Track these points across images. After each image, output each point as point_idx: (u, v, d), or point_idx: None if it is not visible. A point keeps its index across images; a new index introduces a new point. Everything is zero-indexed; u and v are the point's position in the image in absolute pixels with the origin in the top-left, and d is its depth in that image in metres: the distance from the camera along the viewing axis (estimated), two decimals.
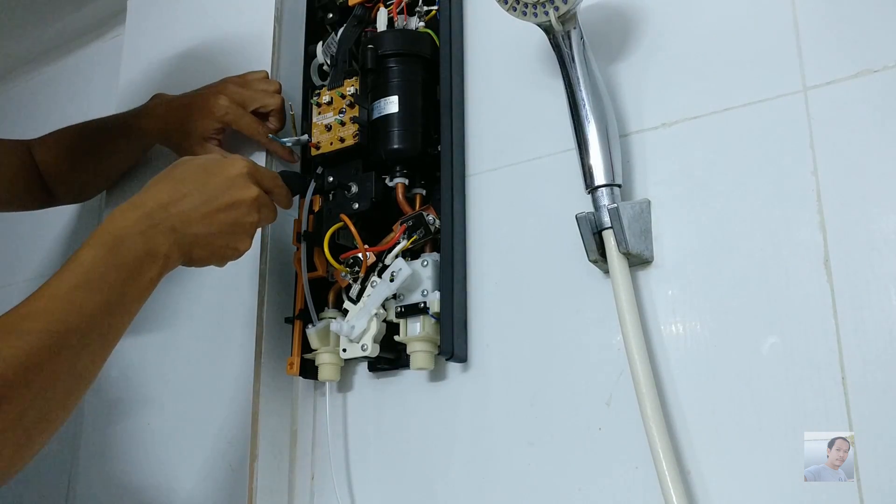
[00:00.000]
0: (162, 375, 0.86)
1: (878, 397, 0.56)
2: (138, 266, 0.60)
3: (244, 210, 0.66)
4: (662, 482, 0.58)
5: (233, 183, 0.66)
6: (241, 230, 0.67)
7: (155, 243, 0.61)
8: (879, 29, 0.61)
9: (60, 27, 1.27)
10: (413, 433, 0.76)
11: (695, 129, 0.68)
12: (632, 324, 0.63)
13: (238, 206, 0.66)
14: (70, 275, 0.57)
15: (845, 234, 0.59)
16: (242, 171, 0.67)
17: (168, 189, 0.64)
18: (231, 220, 0.66)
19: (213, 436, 0.80)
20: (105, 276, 0.58)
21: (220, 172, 0.67)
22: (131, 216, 0.61)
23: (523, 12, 0.67)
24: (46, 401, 0.53)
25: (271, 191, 0.71)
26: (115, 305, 0.58)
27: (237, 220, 0.66)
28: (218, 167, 0.67)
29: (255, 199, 0.67)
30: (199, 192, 0.65)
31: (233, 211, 0.66)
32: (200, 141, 0.84)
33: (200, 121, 0.84)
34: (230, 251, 0.67)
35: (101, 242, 0.59)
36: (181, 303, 0.87)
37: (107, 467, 0.86)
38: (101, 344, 0.58)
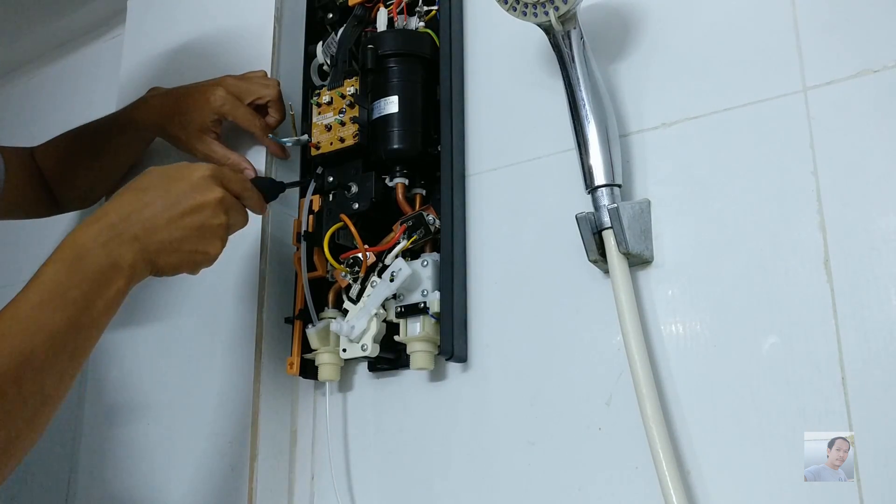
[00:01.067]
0: (162, 376, 0.86)
1: (878, 397, 0.56)
2: (102, 279, 0.58)
3: (209, 212, 0.65)
4: (662, 482, 0.58)
5: (196, 186, 0.65)
6: (209, 233, 0.65)
7: (118, 254, 0.59)
8: (879, 29, 0.61)
9: (60, 27, 1.27)
10: (413, 433, 0.76)
11: (695, 129, 0.68)
12: (632, 324, 0.63)
13: (203, 208, 0.64)
14: (32, 293, 0.56)
15: (845, 234, 0.59)
16: (206, 174, 0.66)
17: (130, 199, 0.63)
18: (197, 224, 0.64)
19: (213, 436, 0.80)
20: (68, 293, 0.56)
21: (183, 177, 0.65)
22: (92, 229, 0.60)
23: (523, 12, 0.67)
24: (15, 424, 0.52)
25: (240, 195, 0.69)
26: (81, 322, 0.56)
27: (203, 222, 0.64)
28: (180, 172, 0.66)
29: (219, 200, 0.65)
30: (161, 199, 0.63)
31: (198, 214, 0.64)
32: (198, 133, 0.84)
33: (197, 112, 0.84)
34: (200, 256, 0.65)
35: (62, 258, 0.58)
36: (181, 303, 0.87)
37: (106, 467, 0.86)
38: (68, 362, 0.56)
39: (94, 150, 0.93)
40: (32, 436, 0.55)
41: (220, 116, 0.84)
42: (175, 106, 0.85)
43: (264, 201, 0.73)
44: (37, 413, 0.54)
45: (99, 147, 0.92)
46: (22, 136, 0.99)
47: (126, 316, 0.89)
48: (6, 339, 0.53)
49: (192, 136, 0.84)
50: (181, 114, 0.84)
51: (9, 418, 0.52)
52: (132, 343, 0.89)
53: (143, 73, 1.00)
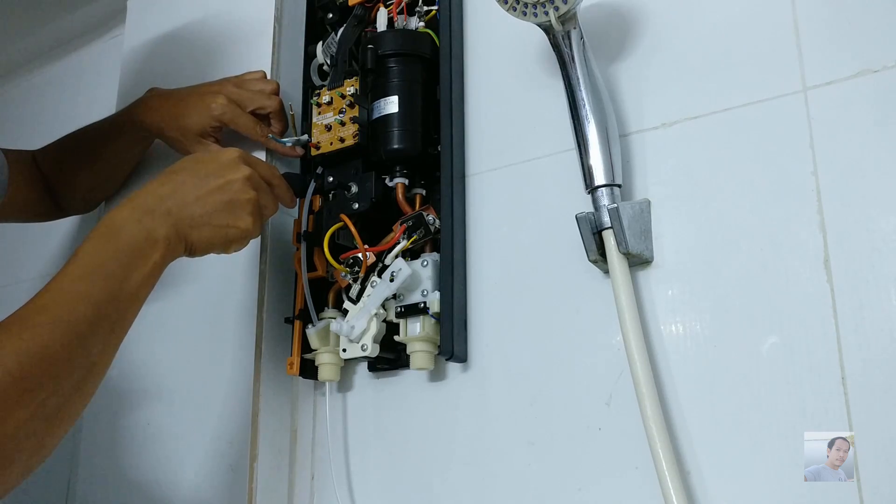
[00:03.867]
0: (162, 375, 0.86)
1: (878, 397, 0.56)
2: (139, 252, 0.61)
3: (238, 187, 0.68)
4: (662, 482, 0.58)
5: (225, 165, 0.68)
6: (238, 207, 0.68)
7: (152, 228, 0.62)
8: (879, 29, 0.61)
9: (60, 27, 1.27)
10: (413, 433, 0.76)
11: (695, 129, 0.68)
12: (632, 324, 0.63)
13: (231, 184, 0.67)
14: (73, 268, 0.59)
15: (845, 234, 0.59)
16: (234, 155, 0.69)
17: (162, 180, 0.66)
18: (226, 199, 0.67)
19: (213, 436, 0.80)
20: (106, 265, 0.59)
21: (213, 159, 0.69)
22: (127, 208, 0.63)
23: (523, 12, 0.67)
24: (64, 390, 0.55)
25: (269, 180, 0.72)
26: (121, 293, 0.59)
27: (233, 197, 0.67)
28: (210, 155, 0.70)
29: (247, 177, 0.69)
30: (192, 178, 0.67)
31: (227, 189, 0.67)
32: (196, 138, 0.84)
33: (197, 117, 0.84)
34: (232, 231, 0.68)
35: (99, 235, 0.61)
36: (181, 303, 0.87)
37: (106, 467, 0.86)
38: (111, 331, 0.59)
39: (93, 153, 0.92)
40: (81, 402, 0.58)
41: (221, 124, 0.84)
42: (174, 109, 0.85)
43: (293, 194, 0.76)
44: (84, 380, 0.57)
45: (98, 149, 0.92)
46: (22, 136, 1.00)
47: None
48: (51, 310, 0.56)
49: (190, 140, 0.84)
50: (180, 116, 0.85)
51: (59, 384, 0.55)
52: (132, 342, 0.88)
53: (143, 73, 1.01)
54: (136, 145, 0.93)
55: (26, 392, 0.52)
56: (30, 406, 0.53)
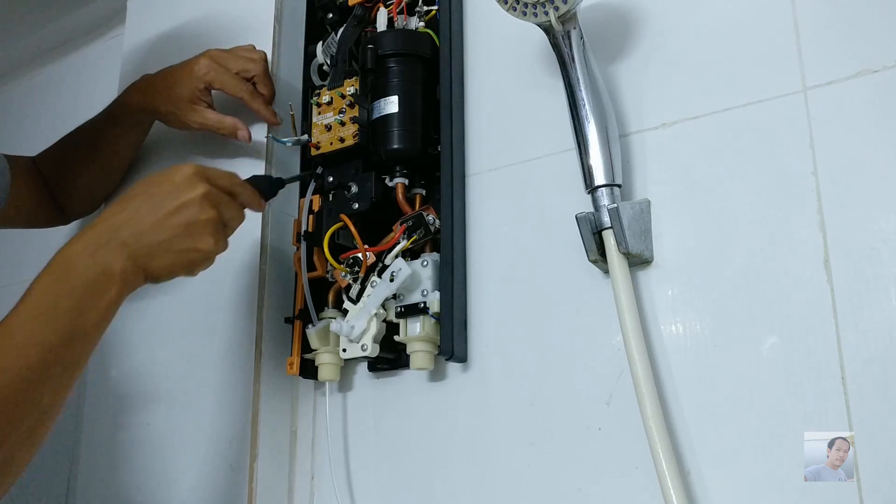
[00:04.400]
0: (162, 375, 0.86)
1: (878, 397, 0.56)
2: (93, 289, 0.58)
3: (195, 208, 0.64)
4: (662, 482, 0.58)
5: (179, 185, 0.64)
6: (198, 229, 0.64)
7: (107, 262, 0.59)
8: (879, 29, 0.61)
9: (60, 27, 1.27)
10: (413, 433, 0.76)
11: (695, 129, 0.68)
12: (632, 324, 0.63)
13: (188, 205, 0.64)
14: (23, 308, 0.56)
15: (845, 234, 0.59)
16: (188, 172, 0.65)
17: (116, 209, 0.63)
18: (184, 222, 0.63)
19: (213, 436, 0.80)
20: (59, 305, 0.56)
21: (166, 179, 0.65)
22: (81, 241, 0.60)
23: (523, 12, 0.67)
24: (13, 440, 0.53)
25: (230, 191, 0.68)
26: (74, 333, 0.57)
27: (191, 219, 0.64)
28: (163, 176, 0.65)
29: (204, 195, 0.65)
30: (146, 204, 0.63)
31: (184, 211, 0.63)
32: (187, 105, 0.84)
33: (184, 84, 0.83)
34: (193, 254, 0.64)
35: (51, 271, 0.58)
36: (181, 303, 0.87)
37: (106, 467, 0.86)
38: (63, 373, 0.56)
39: (91, 148, 0.92)
40: (31, 449, 0.55)
41: (207, 85, 0.84)
42: (162, 82, 0.85)
43: (261, 197, 0.73)
44: (35, 428, 0.55)
45: (95, 143, 0.92)
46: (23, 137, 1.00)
47: (126, 317, 0.89)
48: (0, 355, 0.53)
49: (182, 108, 0.84)
50: (168, 88, 0.84)
51: (7, 435, 0.52)
52: (132, 343, 0.88)
53: (142, 73, 1.00)
54: (131, 132, 0.92)
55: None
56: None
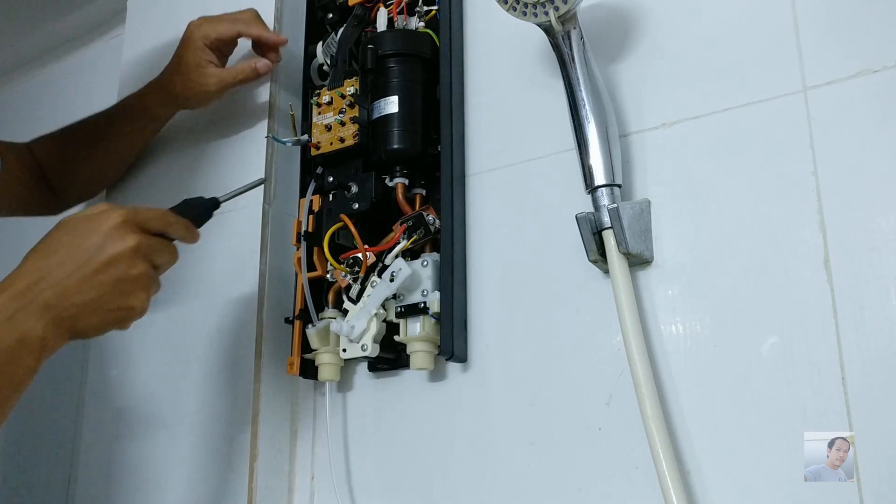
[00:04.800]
0: (161, 375, 0.86)
1: (878, 397, 0.56)
2: (9, 357, 0.55)
3: (125, 264, 0.59)
4: (662, 482, 0.58)
5: (107, 237, 0.59)
6: (129, 286, 0.60)
7: (26, 328, 0.55)
8: (879, 29, 0.61)
9: (60, 27, 1.27)
10: (413, 433, 0.76)
11: (695, 129, 0.68)
12: (632, 324, 0.63)
13: (117, 260, 0.59)
14: None
15: (845, 234, 0.59)
16: (116, 221, 0.60)
17: (38, 262, 0.58)
18: (114, 279, 0.59)
19: (213, 436, 0.80)
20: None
21: (93, 230, 0.60)
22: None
23: (523, 12, 0.67)
24: None
25: (163, 231, 0.64)
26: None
27: (121, 276, 0.59)
28: (89, 225, 0.60)
29: (134, 248, 0.60)
30: (71, 258, 0.58)
31: (113, 268, 0.59)
32: (198, 70, 0.83)
33: (186, 53, 0.84)
34: (125, 312, 0.60)
35: None
36: (181, 303, 0.87)
37: (107, 467, 0.86)
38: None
39: (98, 138, 0.91)
40: None
41: (205, 40, 0.83)
42: (171, 68, 0.86)
43: (194, 228, 0.68)
44: None
45: (104, 134, 0.91)
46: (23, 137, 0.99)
47: None
48: None
49: (195, 76, 0.83)
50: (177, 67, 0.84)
51: None
52: (132, 343, 0.88)
53: (143, 73, 1.00)
54: (146, 128, 0.91)
55: None
56: None
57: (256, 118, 0.88)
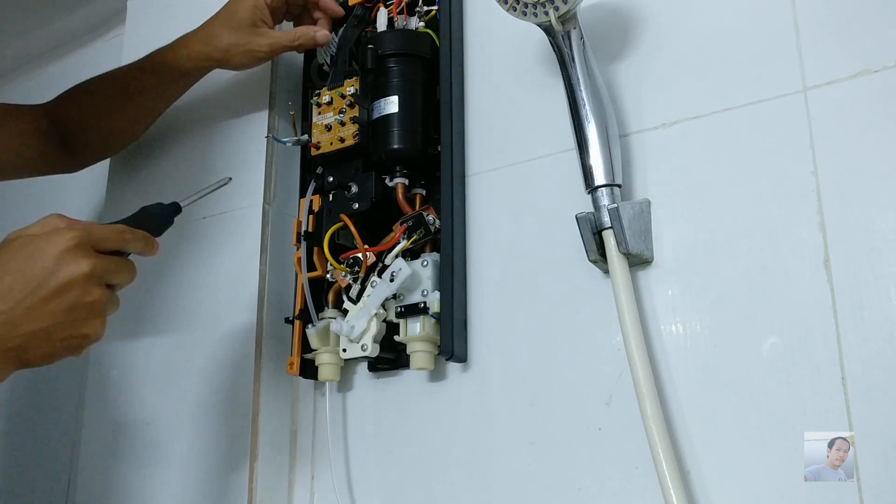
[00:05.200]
0: (161, 375, 0.86)
1: (878, 397, 0.56)
2: None
3: (79, 290, 0.56)
4: (662, 482, 0.58)
5: (58, 262, 0.55)
6: (83, 313, 0.56)
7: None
8: (879, 29, 0.61)
9: (60, 27, 1.27)
10: (413, 433, 0.76)
11: (695, 129, 0.68)
12: (632, 324, 0.63)
13: (70, 286, 0.55)
14: None
15: (845, 234, 0.59)
16: (69, 244, 0.56)
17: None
18: (66, 307, 0.55)
19: (213, 436, 0.80)
20: None
21: (43, 252, 0.56)
22: None
23: (523, 12, 0.67)
24: None
25: (120, 248, 0.60)
26: None
27: (74, 303, 0.55)
28: (39, 247, 0.56)
29: (88, 274, 0.56)
30: (20, 284, 0.54)
31: (65, 294, 0.55)
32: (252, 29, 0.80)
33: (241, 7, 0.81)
34: (77, 340, 0.57)
35: None
36: (181, 303, 0.87)
37: (106, 466, 0.86)
38: None
39: (126, 93, 0.87)
40: None
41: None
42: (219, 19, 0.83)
43: (153, 239, 0.64)
44: None
45: (132, 90, 0.87)
46: None
47: (127, 316, 0.89)
48: None
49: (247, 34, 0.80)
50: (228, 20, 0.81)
51: None
52: (132, 342, 0.89)
53: None
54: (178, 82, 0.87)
55: None
56: None
57: (256, 118, 0.88)
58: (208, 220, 0.88)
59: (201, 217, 0.88)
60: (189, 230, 0.89)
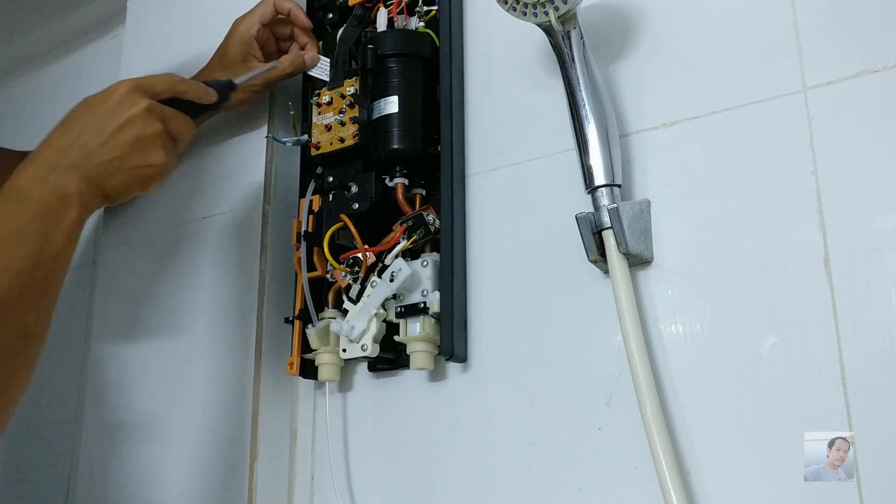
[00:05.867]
0: (162, 375, 0.86)
1: (878, 397, 0.56)
2: (52, 212, 0.59)
3: (140, 123, 0.65)
4: (662, 482, 0.58)
5: (120, 102, 0.65)
6: (147, 144, 0.65)
7: (61, 185, 0.60)
8: (879, 29, 0.61)
9: (60, 27, 1.27)
10: (413, 433, 0.76)
11: (695, 129, 0.68)
12: (632, 324, 0.63)
13: (132, 121, 0.64)
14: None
15: (845, 234, 0.59)
16: (127, 88, 0.66)
17: (60, 134, 0.64)
18: (131, 138, 0.64)
19: (213, 436, 0.80)
20: (22, 232, 0.58)
21: (106, 99, 0.66)
22: (29, 169, 0.61)
23: (523, 12, 0.67)
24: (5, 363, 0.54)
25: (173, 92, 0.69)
26: (42, 256, 0.58)
27: (138, 135, 0.64)
28: (102, 96, 0.66)
29: (146, 109, 0.65)
30: (90, 125, 0.64)
31: (129, 128, 0.64)
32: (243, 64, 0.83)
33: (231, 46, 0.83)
34: (145, 169, 0.65)
35: (6, 201, 0.59)
36: (181, 303, 0.87)
37: (106, 467, 0.86)
38: (40, 296, 0.58)
39: None
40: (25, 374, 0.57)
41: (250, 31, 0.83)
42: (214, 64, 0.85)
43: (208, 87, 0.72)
44: (24, 350, 0.57)
45: None
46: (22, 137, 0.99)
47: (126, 316, 0.89)
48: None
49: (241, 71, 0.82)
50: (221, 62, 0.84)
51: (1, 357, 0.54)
52: (132, 343, 0.89)
53: (142, 73, 1.00)
54: None
55: None
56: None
57: (256, 118, 0.88)
58: (208, 220, 0.88)
59: (201, 217, 0.88)
60: (189, 230, 0.89)
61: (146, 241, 0.92)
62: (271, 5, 0.85)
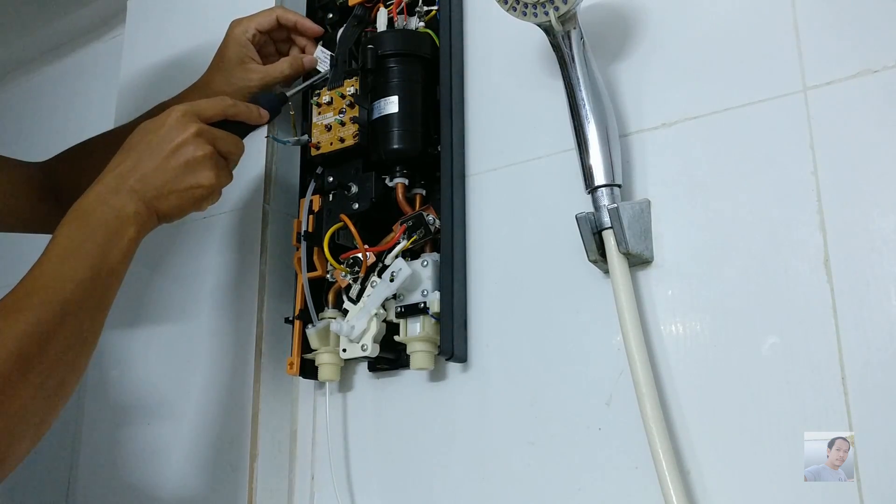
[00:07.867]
0: (162, 375, 0.86)
1: (878, 397, 0.56)
2: (112, 230, 0.64)
3: (191, 147, 0.68)
4: (662, 482, 0.58)
5: (172, 127, 0.69)
6: (197, 166, 0.69)
7: (120, 206, 0.65)
8: (879, 29, 0.61)
9: (60, 27, 1.27)
10: (413, 433, 0.76)
11: (695, 129, 0.68)
12: (632, 324, 0.63)
13: (183, 146, 0.68)
14: (52, 253, 0.62)
15: (845, 234, 0.59)
16: (178, 114, 0.70)
17: (120, 160, 0.68)
18: (183, 162, 0.68)
19: (213, 436, 0.80)
20: (84, 247, 0.62)
21: (159, 127, 0.69)
22: (92, 192, 0.66)
23: (523, 12, 0.67)
24: (61, 367, 0.59)
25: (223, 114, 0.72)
26: (101, 270, 0.62)
27: (188, 158, 0.68)
28: (155, 124, 0.70)
29: (196, 133, 0.69)
30: (146, 152, 0.68)
31: (180, 152, 0.68)
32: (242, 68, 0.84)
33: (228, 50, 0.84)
34: (197, 190, 0.69)
35: (71, 220, 0.64)
36: (181, 303, 0.87)
37: (106, 467, 0.86)
38: (97, 307, 0.62)
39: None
40: (76, 377, 0.61)
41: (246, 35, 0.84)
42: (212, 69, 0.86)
43: (259, 108, 0.76)
44: (77, 356, 0.61)
45: None
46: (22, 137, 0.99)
47: (127, 316, 0.89)
48: (40, 292, 0.59)
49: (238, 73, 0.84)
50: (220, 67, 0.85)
51: (56, 362, 0.58)
52: (132, 342, 0.89)
53: (143, 73, 1.00)
54: None
55: (28, 372, 0.56)
56: (32, 384, 0.56)
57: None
58: (208, 221, 0.88)
59: (201, 217, 0.88)
60: (189, 230, 0.89)
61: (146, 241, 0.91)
62: (273, 18, 0.86)
